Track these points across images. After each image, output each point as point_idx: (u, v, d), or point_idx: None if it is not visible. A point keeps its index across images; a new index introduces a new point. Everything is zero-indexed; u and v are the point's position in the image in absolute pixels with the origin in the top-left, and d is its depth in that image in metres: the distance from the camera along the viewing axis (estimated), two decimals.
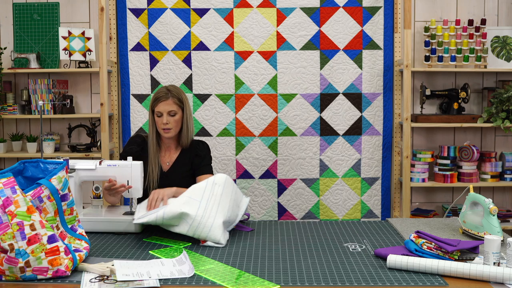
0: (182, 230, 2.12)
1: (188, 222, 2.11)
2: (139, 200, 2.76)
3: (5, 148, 3.88)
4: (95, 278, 1.69)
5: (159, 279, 1.68)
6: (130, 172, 2.35)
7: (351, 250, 2.02)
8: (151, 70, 3.84)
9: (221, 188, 2.22)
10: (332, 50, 3.81)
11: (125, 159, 2.51)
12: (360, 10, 3.80)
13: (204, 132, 3.83)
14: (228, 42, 3.80)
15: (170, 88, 2.69)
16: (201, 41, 3.81)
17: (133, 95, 3.86)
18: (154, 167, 2.65)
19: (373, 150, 3.86)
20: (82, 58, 3.84)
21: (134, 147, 2.70)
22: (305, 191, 3.86)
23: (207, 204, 2.16)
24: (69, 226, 1.86)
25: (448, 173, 3.73)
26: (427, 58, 3.77)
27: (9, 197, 1.67)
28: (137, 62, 3.85)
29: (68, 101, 3.87)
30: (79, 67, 3.85)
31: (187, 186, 2.34)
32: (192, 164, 2.69)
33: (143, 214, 2.19)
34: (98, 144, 3.83)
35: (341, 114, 3.84)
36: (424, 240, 1.88)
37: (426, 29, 3.81)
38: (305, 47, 3.81)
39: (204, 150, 2.73)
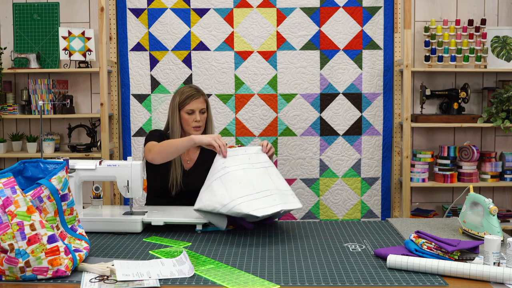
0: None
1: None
2: (149, 199, 2.77)
3: (5, 148, 3.88)
4: (95, 278, 1.69)
5: (159, 279, 1.68)
6: (130, 172, 2.35)
7: (351, 250, 2.02)
8: (151, 70, 3.84)
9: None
10: (332, 50, 3.81)
11: (158, 137, 2.65)
12: (360, 10, 3.80)
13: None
14: (228, 42, 3.80)
15: (196, 87, 2.78)
16: (201, 41, 3.81)
17: (133, 95, 3.86)
18: (177, 166, 2.67)
19: (373, 150, 3.86)
20: (82, 58, 3.84)
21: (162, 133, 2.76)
22: (305, 191, 3.86)
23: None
24: (69, 226, 1.86)
25: (448, 173, 3.73)
26: (427, 58, 3.77)
27: (9, 197, 1.67)
28: (137, 62, 3.85)
29: (68, 101, 3.87)
30: (79, 67, 3.85)
31: None
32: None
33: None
34: (98, 144, 3.83)
35: (341, 114, 3.84)
36: (424, 240, 1.88)
37: (426, 29, 3.81)
38: (305, 47, 3.81)
39: None
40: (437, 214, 3.89)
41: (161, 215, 2.34)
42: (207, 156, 2.71)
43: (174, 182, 2.66)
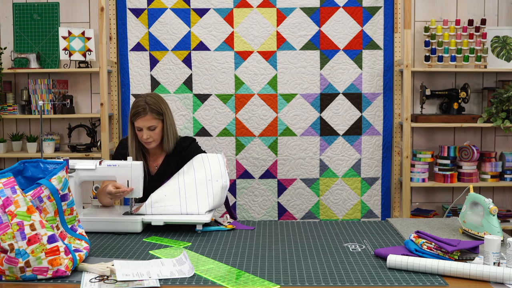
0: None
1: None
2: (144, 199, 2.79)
3: (5, 148, 3.88)
4: (95, 278, 1.69)
5: (159, 279, 1.68)
6: (130, 172, 2.35)
7: (351, 250, 2.02)
8: (151, 70, 3.84)
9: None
10: (332, 50, 3.81)
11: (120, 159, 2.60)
12: (360, 10, 3.80)
13: (204, 132, 3.83)
14: (228, 42, 3.80)
15: (148, 101, 2.63)
16: (201, 41, 3.81)
17: (133, 95, 3.86)
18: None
19: (373, 150, 3.86)
20: (82, 58, 3.84)
21: (125, 151, 2.74)
22: (305, 191, 3.86)
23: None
24: (69, 226, 1.86)
25: (448, 173, 3.73)
26: (427, 58, 3.77)
27: (9, 197, 1.67)
28: (137, 62, 3.85)
29: (68, 101, 3.87)
30: (79, 67, 3.85)
31: None
32: (182, 162, 2.67)
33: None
34: (98, 144, 3.83)
35: (341, 114, 3.84)
36: (424, 240, 1.88)
37: (426, 29, 3.81)
38: (305, 47, 3.81)
39: (187, 141, 2.76)
40: (437, 214, 3.89)
41: (161, 215, 2.34)
42: (171, 159, 2.73)
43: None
